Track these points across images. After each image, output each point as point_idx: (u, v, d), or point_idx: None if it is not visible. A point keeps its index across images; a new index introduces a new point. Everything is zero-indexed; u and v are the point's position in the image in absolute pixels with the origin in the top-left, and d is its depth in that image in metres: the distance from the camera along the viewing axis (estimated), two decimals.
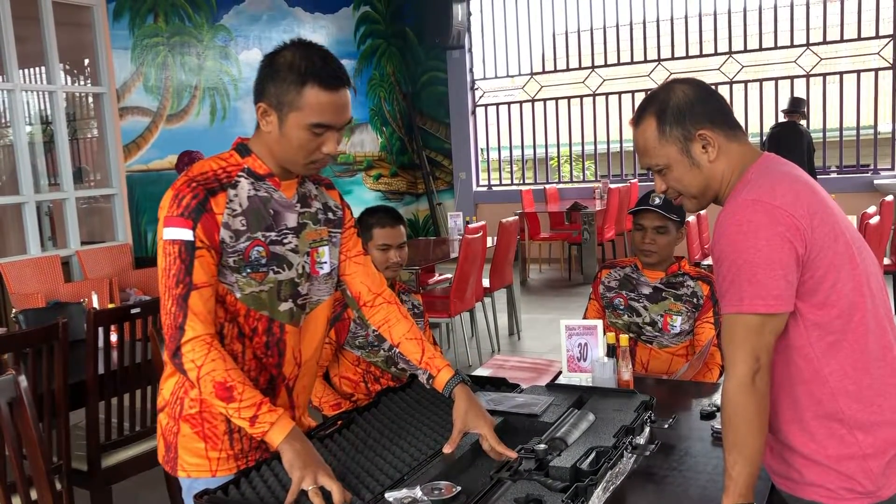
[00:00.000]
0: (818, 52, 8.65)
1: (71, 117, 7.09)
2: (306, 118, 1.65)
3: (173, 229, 1.64)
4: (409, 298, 2.96)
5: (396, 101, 10.56)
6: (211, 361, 1.62)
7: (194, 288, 1.63)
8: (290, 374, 1.84)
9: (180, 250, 1.63)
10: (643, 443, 1.88)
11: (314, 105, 1.64)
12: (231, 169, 1.73)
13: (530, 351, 6.00)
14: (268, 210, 1.74)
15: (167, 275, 1.64)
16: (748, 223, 1.48)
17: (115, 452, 3.07)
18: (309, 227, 1.82)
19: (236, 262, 1.69)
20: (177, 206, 1.64)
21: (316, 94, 1.64)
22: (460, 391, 1.83)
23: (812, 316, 1.50)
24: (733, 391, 1.48)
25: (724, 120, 1.61)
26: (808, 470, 1.54)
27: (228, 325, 1.73)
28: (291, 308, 1.79)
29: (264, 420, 1.62)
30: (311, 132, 1.66)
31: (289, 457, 1.58)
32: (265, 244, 1.72)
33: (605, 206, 8.50)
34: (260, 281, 1.72)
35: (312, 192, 1.86)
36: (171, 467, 1.80)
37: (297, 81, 1.63)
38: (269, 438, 1.62)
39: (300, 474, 1.55)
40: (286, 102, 1.65)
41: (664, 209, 2.82)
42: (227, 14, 7.94)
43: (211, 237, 1.65)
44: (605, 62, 9.88)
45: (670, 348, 2.88)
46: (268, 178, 1.75)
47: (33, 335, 2.70)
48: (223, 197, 1.68)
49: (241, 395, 1.62)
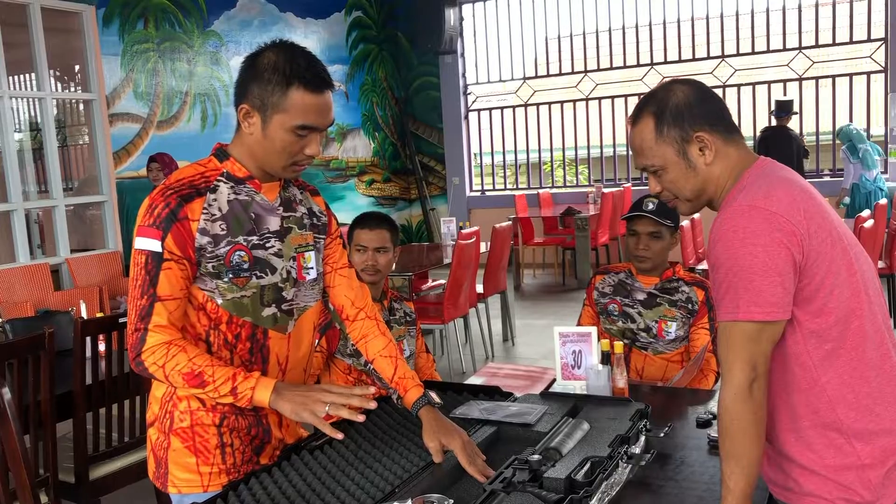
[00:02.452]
0: (810, 56, 8.67)
1: (60, 124, 7.05)
2: (291, 120, 1.63)
3: (143, 239, 1.63)
4: (401, 306, 2.93)
5: (389, 106, 10.54)
6: (172, 358, 1.62)
7: (158, 300, 1.62)
8: None
9: (147, 261, 1.63)
10: (639, 452, 1.85)
11: (299, 107, 1.62)
12: (210, 174, 1.71)
13: (525, 357, 5.97)
14: (248, 214, 1.72)
15: (134, 285, 1.65)
16: (744, 229, 1.45)
17: (103, 464, 3.03)
18: (294, 232, 1.80)
19: (216, 267, 1.67)
20: (149, 215, 1.64)
21: (301, 96, 1.62)
22: (426, 413, 1.81)
23: (809, 323, 1.48)
24: (730, 400, 1.46)
25: (723, 123, 1.59)
26: (805, 480, 1.51)
27: (213, 332, 1.71)
28: (275, 313, 1.76)
29: (245, 387, 1.63)
30: (295, 134, 1.65)
31: (288, 407, 1.61)
32: (247, 248, 1.70)
33: (599, 211, 8.50)
34: (242, 286, 1.70)
35: (297, 197, 1.85)
36: (161, 483, 1.78)
37: (281, 83, 1.62)
38: (257, 401, 1.63)
39: (309, 412, 1.60)
40: (270, 104, 1.63)
41: (658, 215, 2.79)
42: (217, 20, 7.92)
43: (183, 247, 1.63)
44: (598, 66, 9.89)
45: (665, 354, 2.86)
46: (248, 181, 1.73)
47: (18, 345, 2.66)
48: (199, 202, 1.66)
49: (213, 376, 1.62)
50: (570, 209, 8.40)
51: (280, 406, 1.61)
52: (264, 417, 1.80)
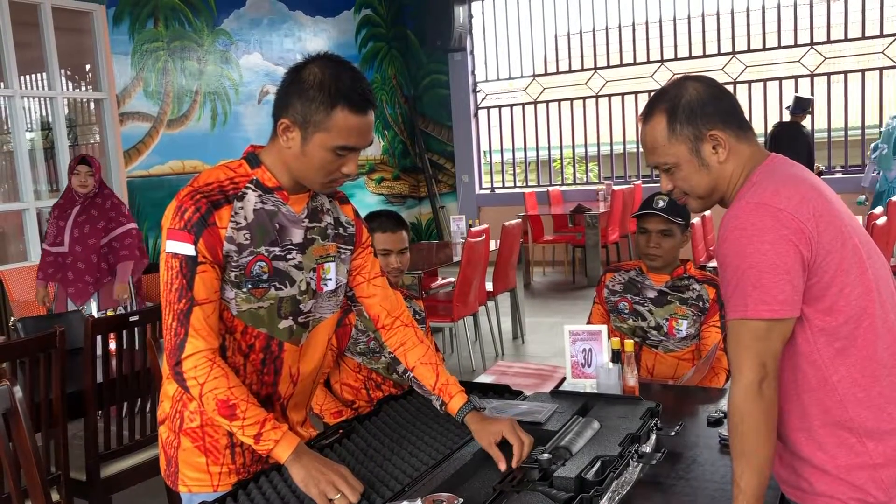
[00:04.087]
0: (822, 52, 8.61)
1: (71, 123, 7.08)
2: (333, 140, 1.60)
3: (176, 243, 1.60)
4: (411, 304, 2.92)
5: (398, 104, 10.54)
6: (213, 379, 1.60)
7: (196, 304, 1.60)
8: (286, 393, 1.82)
9: (182, 265, 1.60)
10: (649, 451, 1.84)
11: (342, 128, 1.59)
12: (239, 180, 1.68)
13: (534, 355, 5.96)
14: (273, 224, 1.69)
15: (169, 289, 1.62)
16: (752, 227, 1.44)
17: (114, 462, 3.04)
18: (317, 243, 1.77)
19: (237, 276, 1.66)
20: (179, 218, 1.61)
21: (345, 118, 1.59)
22: (472, 418, 1.82)
23: (819, 322, 1.47)
24: (740, 399, 1.45)
25: (735, 120, 1.58)
26: (817, 480, 1.50)
27: (228, 337, 1.71)
28: (291, 326, 1.75)
29: (269, 437, 1.60)
30: (335, 154, 1.62)
31: (301, 475, 1.57)
32: (268, 259, 1.68)
33: (609, 209, 8.48)
34: (259, 297, 1.68)
35: (325, 206, 1.81)
36: (171, 481, 1.78)
37: (326, 102, 1.58)
38: (275, 455, 1.61)
39: (317, 490, 1.55)
40: (313, 122, 1.59)
41: (669, 213, 2.78)
42: (227, 18, 7.93)
43: (214, 252, 1.62)
44: (608, 63, 9.86)
45: (676, 353, 2.84)
46: (276, 191, 1.70)
47: (30, 344, 2.67)
48: (227, 210, 1.64)
49: (245, 412, 1.60)
50: (580, 207, 8.38)
51: (294, 470, 1.58)
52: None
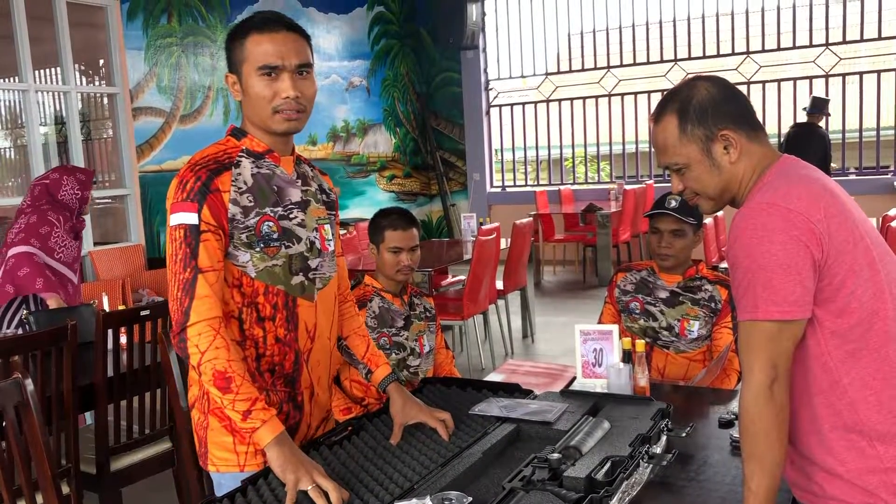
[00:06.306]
0: (837, 52, 8.55)
1: (85, 118, 7.11)
2: (253, 65, 1.70)
3: (179, 214, 1.66)
4: (421, 302, 2.92)
5: (410, 101, 10.54)
6: (215, 349, 1.63)
7: (201, 272, 1.64)
8: (304, 348, 1.83)
9: (185, 234, 1.65)
10: (660, 452, 1.83)
11: (256, 50, 1.70)
12: (231, 151, 1.76)
13: (544, 354, 5.95)
14: (271, 186, 1.76)
15: (174, 260, 1.66)
16: (762, 227, 1.43)
17: (124, 455, 3.05)
18: (313, 204, 1.85)
19: (249, 237, 1.71)
20: (181, 190, 1.67)
21: (255, 40, 1.70)
22: (394, 389, 1.95)
23: (830, 323, 1.45)
24: (751, 400, 1.44)
25: (747, 120, 1.57)
26: (828, 484, 1.49)
27: (247, 309, 1.74)
28: (303, 281, 1.80)
29: (257, 417, 1.62)
30: (262, 78, 1.70)
31: (279, 460, 1.59)
32: (275, 219, 1.75)
33: (621, 208, 8.45)
34: (273, 256, 1.74)
35: (309, 173, 1.90)
36: (203, 462, 1.82)
37: (240, 37, 1.72)
38: (257, 436, 1.62)
39: (294, 476, 1.56)
40: (238, 61, 1.73)
41: (681, 213, 2.77)
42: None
43: (218, 218, 1.67)
44: (621, 62, 9.83)
45: (687, 353, 2.83)
46: (266, 154, 1.78)
47: (42, 337, 2.69)
48: (228, 175, 1.71)
49: (239, 387, 1.63)
50: (592, 206, 8.36)
51: (272, 455, 1.60)
52: (299, 395, 1.82)
